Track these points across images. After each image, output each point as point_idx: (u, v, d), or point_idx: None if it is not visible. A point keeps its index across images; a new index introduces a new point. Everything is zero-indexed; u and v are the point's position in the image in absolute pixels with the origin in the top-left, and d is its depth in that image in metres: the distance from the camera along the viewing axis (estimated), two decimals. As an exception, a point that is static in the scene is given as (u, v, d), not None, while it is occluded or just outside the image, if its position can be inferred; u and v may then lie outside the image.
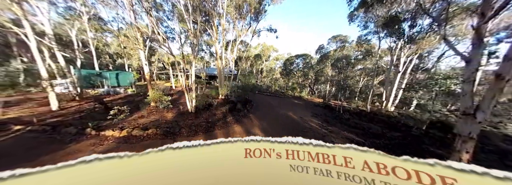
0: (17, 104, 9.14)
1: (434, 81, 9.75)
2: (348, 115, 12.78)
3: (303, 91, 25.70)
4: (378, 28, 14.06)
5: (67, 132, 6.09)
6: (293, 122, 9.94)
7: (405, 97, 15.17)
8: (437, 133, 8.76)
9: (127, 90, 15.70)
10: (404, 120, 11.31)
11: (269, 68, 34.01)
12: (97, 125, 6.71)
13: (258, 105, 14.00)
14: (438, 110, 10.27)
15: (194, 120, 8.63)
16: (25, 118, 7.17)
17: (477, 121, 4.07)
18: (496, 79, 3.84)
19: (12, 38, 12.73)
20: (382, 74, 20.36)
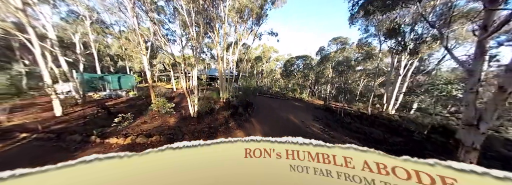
0: (21, 109, 9.19)
1: (436, 86, 9.79)
2: (350, 119, 12.81)
3: (304, 92, 25.73)
4: (379, 33, 14.11)
5: (72, 140, 6.14)
6: (295, 126, 9.98)
7: (406, 101, 15.21)
8: (439, 138, 8.79)
9: (129, 93, 15.75)
10: (405, 124, 11.35)
11: (270, 69, 34.05)
12: (101, 132, 6.77)
13: (259, 107, 14.05)
14: (439, 112, 10.30)
15: (196, 126, 8.68)
16: (29, 124, 7.22)
17: (480, 132, 4.10)
18: (499, 91, 3.87)
19: (15, 43, 12.79)
20: (383, 76, 20.39)
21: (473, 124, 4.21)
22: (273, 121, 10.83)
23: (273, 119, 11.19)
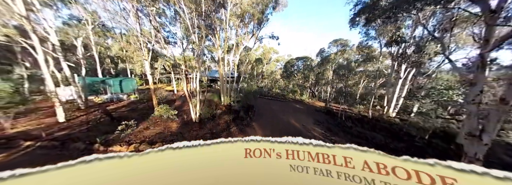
0: (24, 115, 9.22)
1: (437, 90, 9.83)
2: (351, 123, 12.84)
3: (304, 93, 25.76)
4: (379, 37, 14.14)
5: (76, 148, 6.17)
6: (296, 131, 10.01)
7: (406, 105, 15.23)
8: (440, 144, 8.83)
9: (130, 96, 15.77)
10: (406, 128, 11.39)
11: (270, 71, 34.08)
12: (105, 139, 6.80)
13: (260, 110, 14.10)
14: (440, 114, 10.31)
15: (198, 131, 8.71)
16: (33, 131, 7.23)
17: (483, 143, 4.14)
18: (501, 103, 3.91)
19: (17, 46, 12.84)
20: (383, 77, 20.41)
21: (475, 135, 4.25)
22: (274, 125, 10.87)
23: (274, 123, 11.23)
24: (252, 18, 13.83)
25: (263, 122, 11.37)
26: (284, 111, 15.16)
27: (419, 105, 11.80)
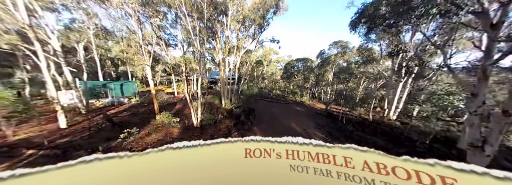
0: (26, 121, 9.22)
1: (437, 96, 9.84)
2: (351, 126, 12.85)
3: (304, 95, 25.77)
4: (379, 40, 14.16)
5: (78, 156, 6.16)
6: (296, 135, 10.03)
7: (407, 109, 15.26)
8: (441, 149, 8.83)
9: (131, 99, 15.80)
10: (407, 132, 11.40)
11: (270, 73, 34.11)
12: (107, 147, 6.82)
13: (261, 113, 14.14)
14: (440, 116, 10.32)
15: (200, 137, 8.73)
16: (35, 138, 7.21)
17: (485, 154, 4.15)
18: (503, 115, 3.93)
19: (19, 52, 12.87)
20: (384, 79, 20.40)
21: (478, 146, 4.25)
22: (275, 129, 10.89)
23: (275, 127, 11.26)
24: (253, 22, 13.86)
25: (264, 126, 11.40)
26: (285, 114, 15.18)
27: (420, 109, 11.82)
